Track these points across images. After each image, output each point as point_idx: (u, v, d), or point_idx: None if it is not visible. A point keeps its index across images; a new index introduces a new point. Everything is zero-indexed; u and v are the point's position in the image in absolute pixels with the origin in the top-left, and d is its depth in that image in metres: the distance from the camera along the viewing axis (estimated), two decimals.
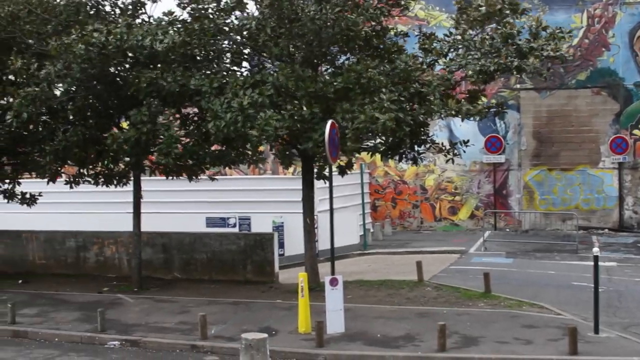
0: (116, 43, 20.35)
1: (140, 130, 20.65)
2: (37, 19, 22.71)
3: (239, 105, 19.46)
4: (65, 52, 20.81)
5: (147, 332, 18.35)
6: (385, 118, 18.65)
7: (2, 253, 28.45)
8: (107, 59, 20.90)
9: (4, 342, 18.56)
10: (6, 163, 27.24)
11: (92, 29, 20.90)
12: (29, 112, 21.20)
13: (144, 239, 24.98)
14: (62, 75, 21.17)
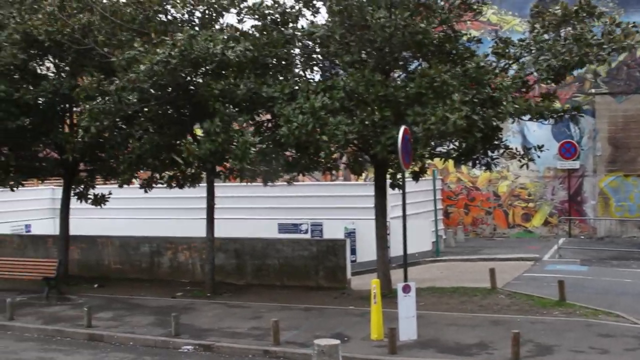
0: (180, 55, 20.51)
1: (215, 141, 20.78)
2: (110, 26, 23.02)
3: (310, 108, 19.52)
4: (129, 67, 21.05)
5: (220, 337, 18.47)
6: (455, 117, 18.55)
7: (79, 258, 28.89)
8: (174, 71, 21.06)
9: (80, 345, 18.86)
10: (82, 169, 27.76)
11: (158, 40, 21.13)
12: (96, 126, 21.47)
13: (217, 244, 25.16)
14: (130, 88, 21.33)
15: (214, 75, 21.63)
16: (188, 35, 20.94)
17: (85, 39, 23.07)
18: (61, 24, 22.81)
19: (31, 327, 20.59)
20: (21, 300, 23.84)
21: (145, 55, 20.78)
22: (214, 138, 20.78)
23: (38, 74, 24.88)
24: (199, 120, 22.94)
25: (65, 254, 26.83)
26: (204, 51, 20.61)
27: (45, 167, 27.37)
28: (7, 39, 23.33)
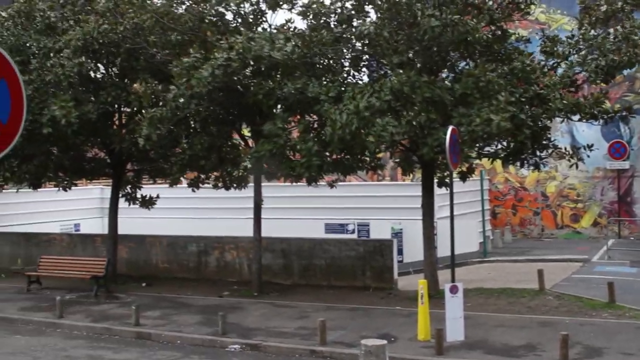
0: (239, 57, 20.57)
1: (277, 143, 20.81)
2: (162, 29, 23.17)
3: (354, 108, 19.48)
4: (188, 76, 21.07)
5: (267, 337, 18.51)
6: (499, 119, 18.42)
7: (127, 257, 29.13)
8: (232, 74, 21.12)
9: (128, 343, 19.02)
10: (130, 169, 28.02)
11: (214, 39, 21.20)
12: (155, 134, 21.59)
13: (264, 244, 25.23)
14: (188, 95, 21.38)
15: (264, 76, 21.69)
16: (247, 37, 20.99)
17: (137, 39, 23.24)
18: (114, 22, 22.99)
19: (80, 325, 20.80)
20: (70, 298, 24.11)
21: (204, 61, 20.82)
22: (275, 140, 20.80)
23: (93, 80, 25.07)
24: (246, 121, 23.02)
25: (114, 253, 27.07)
26: (260, 52, 20.64)
27: (94, 167, 27.66)
28: (67, 45, 23.49)
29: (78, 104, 23.20)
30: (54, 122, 22.32)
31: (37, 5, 26.26)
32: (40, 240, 31.76)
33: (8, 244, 32.16)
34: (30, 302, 24.04)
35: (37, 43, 24.49)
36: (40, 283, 26.49)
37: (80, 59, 23.25)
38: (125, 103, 24.55)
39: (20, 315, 22.14)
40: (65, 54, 23.42)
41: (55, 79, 23.11)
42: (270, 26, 23.41)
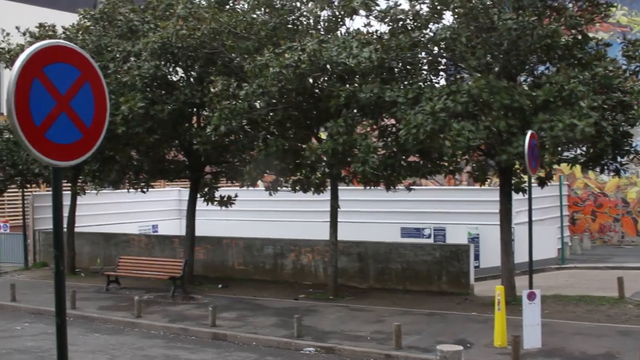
0: (309, 60, 20.65)
1: (337, 141, 20.88)
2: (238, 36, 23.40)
3: (430, 109, 19.38)
4: (259, 74, 21.33)
5: (342, 340, 18.49)
6: (584, 124, 18.14)
7: (204, 258, 29.41)
8: (302, 76, 21.25)
9: (205, 344, 19.17)
10: (208, 172, 28.31)
11: (286, 47, 21.34)
12: (227, 125, 21.82)
13: (340, 247, 25.24)
14: (260, 93, 21.63)
15: (340, 80, 21.73)
16: (318, 40, 21.07)
17: (214, 43, 23.50)
18: (192, 28, 23.27)
19: (157, 325, 21.05)
20: (148, 298, 24.45)
21: (275, 61, 21.00)
22: (336, 138, 20.86)
23: (170, 82, 25.44)
24: (323, 125, 23.09)
25: (191, 254, 27.35)
26: (332, 58, 20.69)
27: (173, 169, 28.02)
28: (144, 48, 23.86)
29: (152, 104, 23.57)
30: (125, 120, 22.73)
31: (118, 9, 26.74)
32: (119, 240, 32.28)
33: (88, 244, 32.75)
34: (109, 302, 24.43)
35: (117, 47, 24.90)
36: (119, 283, 26.91)
37: (156, 62, 23.60)
38: (201, 102, 24.79)
39: (99, 314, 22.50)
40: (143, 56, 23.78)
41: (131, 81, 23.51)
42: (348, 30, 23.45)
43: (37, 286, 27.98)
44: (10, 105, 5.94)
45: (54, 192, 6.37)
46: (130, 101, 22.69)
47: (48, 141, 6.18)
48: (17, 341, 19.63)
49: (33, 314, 23.33)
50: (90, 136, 6.52)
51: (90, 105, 6.49)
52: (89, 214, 34.87)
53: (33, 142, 6.07)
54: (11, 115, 5.96)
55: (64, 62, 6.30)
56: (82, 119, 6.43)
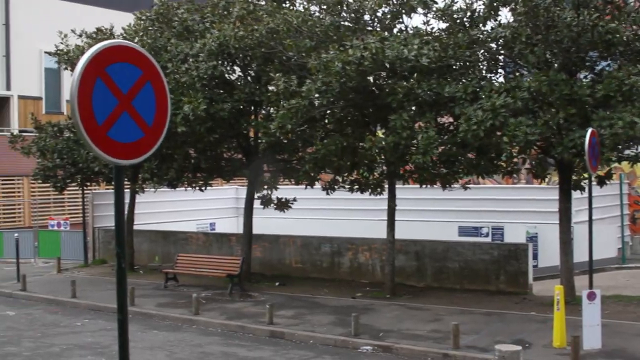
0: (372, 57, 20.64)
1: (400, 135, 20.80)
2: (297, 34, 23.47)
3: (491, 106, 19.24)
4: (323, 70, 21.37)
5: (400, 339, 18.45)
6: None
7: (261, 256, 29.53)
8: (364, 73, 21.24)
9: (262, 342, 19.26)
10: (265, 170, 28.42)
11: (349, 45, 21.34)
12: (292, 123, 21.90)
13: (397, 246, 25.16)
14: (322, 91, 21.67)
15: (398, 77, 21.68)
16: (380, 38, 21.05)
17: (272, 42, 23.58)
18: (249, 29, 23.38)
19: (215, 322, 21.19)
20: (206, 295, 24.62)
21: (339, 56, 21.02)
22: (400, 131, 20.79)
23: (228, 81, 25.59)
24: (381, 122, 23.04)
25: (249, 252, 27.48)
26: (397, 55, 20.63)
27: (230, 167, 28.18)
28: (202, 49, 24.03)
29: (211, 103, 23.73)
30: (186, 120, 22.91)
31: (174, 9, 26.97)
32: (177, 238, 32.56)
33: (147, 242, 33.07)
34: (167, 299, 24.66)
35: (175, 47, 25.09)
36: (177, 280, 27.13)
37: (214, 62, 23.75)
38: (259, 100, 24.88)
39: (157, 311, 22.73)
40: (201, 57, 23.95)
41: (190, 81, 23.69)
42: (407, 28, 23.37)
43: (96, 283, 28.35)
44: (74, 105, 6.03)
45: (116, 190, 6.45)
46: (193, 101, 22.85)
47: (110, 140, 6.26)
48: (77, 337, 19.92)
49: (93, 311, 23.63)
50: (151, 135, 6.59)
51: (151, 105, 6.55)
52: (147, 212, 35.22)
53: (95, 140, 6.15)
54: (74, 114, 6.04)
55: (126, 61, 6.38)
56: (144, 118, 6.50)
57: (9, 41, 47.29)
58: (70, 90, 6.12)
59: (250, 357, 17.61)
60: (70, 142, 29.95)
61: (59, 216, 38.29)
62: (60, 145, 30.22)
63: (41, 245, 35.88)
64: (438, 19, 22.08)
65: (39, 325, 21.57)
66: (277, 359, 17.41)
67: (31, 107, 46.64)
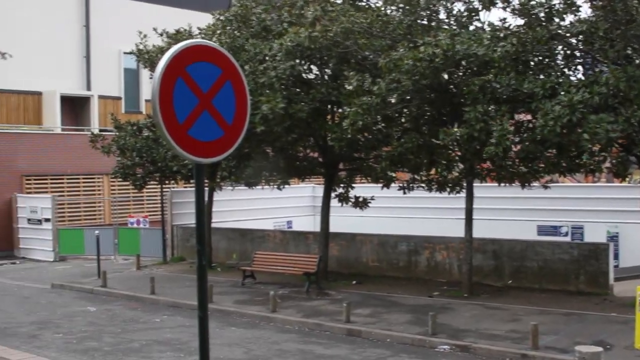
0: (443, 54, 20.52)
1: (473, 127, 20.63)
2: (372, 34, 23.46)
3: (568, 101, 18.97)
4: (394, 68, 21.32)
5: (477, 339, 18.30)
6: None
7: (338, 254, 29.54)
8: (437, 70, 21.13)
9: (339, 340, 19.27)
10: (342, 169, 28.46)
11: (421, 42, 21.25)
12: (363, 120, 21.90)
13: (475, 245, 24.95)
14: (393, 88, 21.63)
15: (474, 73, 21.52)
16: (450, 34, 20.94)
17: (347, 42, 23.59)
18: (323, 30, 23.42)
19: (292, 320, 21.28)
20: (283, 293, 24.72)
21: (409, 53, 20.96)
22: (473, 123, 20.61)
23: (305, 81, 25.67)
24: (457, 121, 22.89)
25: (326, 250, 27.51)
26: (467, 51, 20.50)
27: (307, 166, 28.26)
28: (280, 49, 24.13)
29: (289, 103, 23.82)
30: (265, 120, 23.02)
31: (252, 9, 27.13)
32: (254, 236, 32.76)
33: (224, 239, 33.34)
34: (244, 296, 24.84)
35: (253, 47, 25.24)
36: (254, 277, 27.30)
37: (292, 62, 23.84)
38: (336, 100, 24.91)
39: (235, 308, 22.90)
40: (278, 57, 24.06)
41: (268, 82, 23.80)
42: (483, 24, 23.18)
43: (175, 280, 28.68)
44: (155, 104, 6.10)
45: (197, 188, 6.51)
46: (271, 101, 22.98)
47: (191, 138, 6.33)
48: (156, 333, 20.19)
49: (171, 307, 23.92)
50: (231, 134, 6.65)
51: (231, 104, 6.61)
52: (225, 210, 35.52)
53: (177, 139, 6.22)
54: (156, 113, 6.12)
55: (206, 61, 6.45)
56: (224, 116, 6.56)
57: (89, 42, 48.22)
58: (151, 90, 6.21)
59: (327, 355, 17.65)
60: (149, 140, 30.34)
61: (138, 214, 38.89)
62: (139, 144, 30.63)
63: (121, 243, 36.46)
64: (515, 15, 21.82)
65: (119, 321, 21.93)
66: (354, 357, 17.41)
67: (111, 107, 47.49)
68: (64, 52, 46.96)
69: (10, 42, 36.40)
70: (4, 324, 21.58)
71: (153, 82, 6.15)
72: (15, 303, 25.26)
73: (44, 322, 21.93)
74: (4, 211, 39.77)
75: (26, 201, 39.09)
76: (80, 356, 17.64)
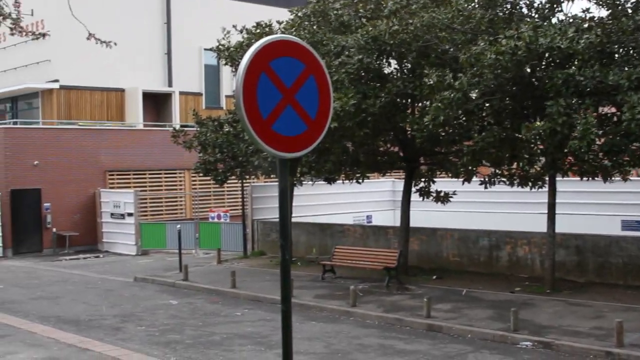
0: (526, 47, 20.26)
1: (556, 121, 20.32)
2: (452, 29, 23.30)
3: None
4: (476, 63, 21.12)
5: (560, 335, 18.03)
6: None
7: (418, 249, 29.42)
8: (519, 63, 20.87)
9: (419, 335, 19.20)
10: (422, 163, 28.33)
11: (502, 36, 21.01)
12: (445, 115, 21.75)
13: (557, 240, 24.59)
14: (475, 83, 21.42)
15: (557, 66, 21.21)
16: (533, 26, 20.67)
17: (426, 36, 23.46)
18: (404, 23, 23.32)
19: (372, 314, 21.25)
20: (363, 287, 24.71)
21: (490, 47, 20.75)
22: (555, 117, 20.30)
23: (382, 75, 25.60)
24: (539, 114, 22.59)
25: (406, 245, 27.43)
26: (551, 43, 20.21)
27: (387, 161, 28.19)
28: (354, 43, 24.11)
29: (364, 98, 23.76)
30: (337, 116, 22.98)
31: (331, 4, 27.15)
32: (334, 230, 32.82)
33: (304, 234, 33.47)
34: (324, 290, 24.89)
35: (332, 42, 25.23)
36: (334, 272, 27.33)
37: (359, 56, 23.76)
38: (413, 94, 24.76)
39: (315, 303, 22.97)
40: (352, 52, 24.04)
41: (340, 78, 23.78)
42: (566, 16, 22.82)
43: (255, 274, 28.90)
44: (239, 99, 6.14)
45: (280, 183, 6.53)
46: (342, 98, 22.95)
47: (275, 133, 6.36)
48: (237, 326, 20.36)
49: (252, 301, 24.09)
50: (314, 128, 6.66)
51: (314, 98, 6.62)
52: (304, 205, 35.68)
53: (261, 134, 6.25)
54: (240, 108, 6.16)
55: (289, 56, 6.46)
56: (307, 111, 6.57)
57: (170, 39, 48.86)
58: (235, 85, 6.25)
59: (408, 350, 17.59)
60: (230, 136, 30.54)
61: (218, 208, 39.23)
62: (220, 140, 30.86)
63: (202, 237, 36.85)
64: (600, 6, 21.43)
65: (201, 315, 22.17)
66: (434, 353, 17.32)
67: (191, 103, 48.08)
68: (146, 49, 47.69)
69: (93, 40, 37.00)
70: (89, 317, 22.01)
71: (237, 78, 6.19)
72: (99, 296, 25.74)
73: (127, 314, 22.30)
74: (88, 206, 40.56)
75: (109, 196, 39.79)
76: (162, 349, 17.89)
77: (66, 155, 39.74)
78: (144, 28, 47.52)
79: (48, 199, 39.35)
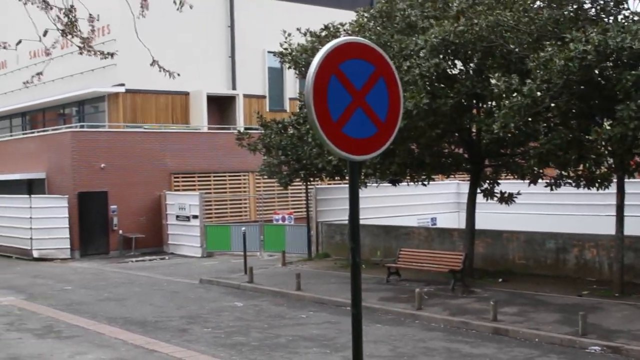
0: (595, 50, 19.96)
1: (627, 125, 19.98)
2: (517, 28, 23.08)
3: None
4: (543, 69, 20.86)
5: (630, 340, 17.73)
6: None
7: (483, 252, 29.19)
8: (588, 67, 20.53)
9: (485, 338, 19.04)
10: (487, 164, 28.11)
11: (570, 38, 20.73)
12: (515, 122, 21.46)
13: (626, 242, 24.18)
14: (544, 88, 21.13)
15: (625, 66, 20.87)
16: (602, 29, 20.36)
17: (492, 36, 23.26)
18: (469, 24, 23.16)
19: (437, 318, 21.13)
20: (428, 290, 24.57)
21: (559, 54, 20.48)
22: (627, 122, 19.96)
23: (450, 75, 25.43)
24: (607, 114, 22.25)
25: (471, 248, 27.24)
26: (620, 44, 19.88)
27: (452, 163, 28.01)
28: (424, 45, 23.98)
29: (433, 98, 23.63)
30: (409, 116, 22.87)
31: (397, 5, 27.06)
32: (399, 233, 32.73)
33: (369, 236, 33.40)
34: (389, 293, 24.82)
35: (398, 43, 25.11)
36: (399, 275, 27.24)
37: (436, 60, 23.62)
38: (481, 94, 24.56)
39: (380, 305, 22.91)
40: (422, 54, 23.90)
41: (412, 79, 23.67)
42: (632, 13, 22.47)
43: (320, 276, 28.94)
44: (309, 102, 6.14)
45: (351, 185, 6.54)
46: (415, 97, 22.86)
47: (345, 136, 6.35)
48: (302, 329, 20.39)
49: (317, 303, 24.12)
50: (384, 130, 6.65)
51: (384, 100, 6.60)
52: (369, 207, 35.59)
53: (331, 137, 6.25)
54: (310, 111, 6.16)
55: (359, 58, 6.45)
56: (377, 113, 6.56)
57: (234, 42, 49.23)
58: (305, 88, 6.26)
59: (474, 353, 17.46)
60: (294, 138, 30.59)
61: (283, 210, 39.36)
62: (284, 142, 30.93)
63: (266, 239, 37.04)
64: None
65: (266, 317, 22.25)
66: (501, 357, 17.17)
67: (255, 106, 48.35)
68: (210, 52, 48.11)
69: (160, 44, 37.41)
70: (155, 318, 22.25)
71: (307, 81, 6.19)
72: (165, 298, 26.00)
73: (193, 316, 22.49)
74: (154, 208, 41.04)
75: (175, 198, 40.21)
76: (228, 350, 18.00)
77: (132, 158, 40.28)
78: (208, 31, 47.94)
79: (114, 202, 39.91)
